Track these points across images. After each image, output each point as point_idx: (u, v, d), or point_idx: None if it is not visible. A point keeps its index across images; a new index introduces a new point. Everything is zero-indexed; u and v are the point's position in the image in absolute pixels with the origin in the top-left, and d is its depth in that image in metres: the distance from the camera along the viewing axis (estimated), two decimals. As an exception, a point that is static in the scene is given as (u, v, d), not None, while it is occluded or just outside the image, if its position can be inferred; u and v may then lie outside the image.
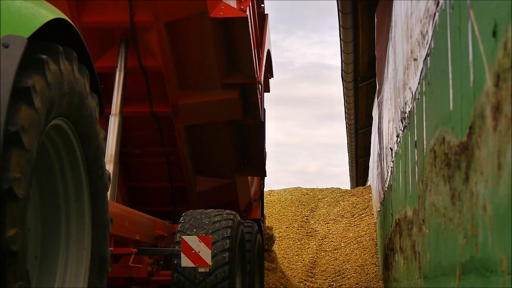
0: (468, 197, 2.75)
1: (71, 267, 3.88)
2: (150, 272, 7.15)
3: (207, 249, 6.73)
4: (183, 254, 6.75)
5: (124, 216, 6.50)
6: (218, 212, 7.48)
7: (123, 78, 7.67)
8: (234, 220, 7.42)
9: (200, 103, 8.34)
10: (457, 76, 3.00)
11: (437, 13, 3.65)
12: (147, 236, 7.19)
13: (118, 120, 7.55)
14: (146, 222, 7.26)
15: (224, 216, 7.41)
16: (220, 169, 9.22)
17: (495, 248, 2.25)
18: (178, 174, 8.92)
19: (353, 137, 20.23)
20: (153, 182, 9.10)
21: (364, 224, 16.93)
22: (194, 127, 8.61)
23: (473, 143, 2.63)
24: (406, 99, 5.82)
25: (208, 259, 6.71)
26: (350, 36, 12.74)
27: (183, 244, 6.77)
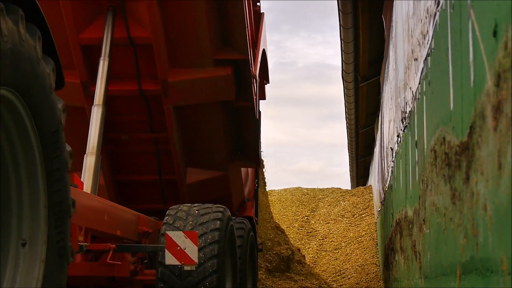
0: (469, 197, 2.75)
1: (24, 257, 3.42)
2: (133, 271, 6.73)
3: (193, 246, 6.28)
4: (167, 251, 6.32)
5: (103, 209, 6.07)
6: (207, 206, 7.07)
7: (107, 64, 7.25)
8: (223, 213, 6.99)
9: (191, 81, 7.89)
10: (457, 76, 3.00)
11: (437, 13, 3.65)
12: (130, 232, 6.78)
13: (102, 111, 7.13)
14: (128, 217, 6.82)
15: (213, 209, 7.00)
16: (213, 159, 8.74)
17: (495, 248, 2.25)
18: (168, 166, 8.47)
19: (354, 137, 20.23)
20: (142, 174, 8.62)
21: (365, 224, 16.94)
22: (185, 109, 8.14)
23: (474, 143, 2.63)
24: (407, 99, 5.82)
25: (195, 256, 6.28)
26: (351, 36, 12.73)
27: (168, 240, 6.33)
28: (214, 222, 6.78)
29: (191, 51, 7.81)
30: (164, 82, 7.71)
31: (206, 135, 8.52)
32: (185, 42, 7.76)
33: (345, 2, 11.60)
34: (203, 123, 8.42)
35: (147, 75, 7.80)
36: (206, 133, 8.50)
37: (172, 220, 6.82)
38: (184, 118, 8.21)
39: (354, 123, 18.63)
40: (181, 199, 8.55)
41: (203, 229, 6.69)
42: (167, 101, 7.86)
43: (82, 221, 5.41)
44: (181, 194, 8.60)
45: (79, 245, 5.32)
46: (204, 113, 8.31)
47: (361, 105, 16.68)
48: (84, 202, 5.56)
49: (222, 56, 8.00)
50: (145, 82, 7.83)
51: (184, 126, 8.29)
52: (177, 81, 7.80)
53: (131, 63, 7.76)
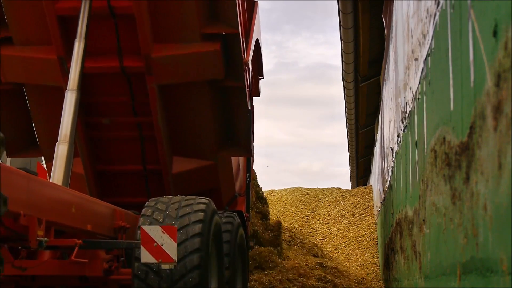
0: (469, 197, 2.75)
1: None
2: (106, 270, 6.12)
3: (171, 241, 5.64)
4: (142, 247, 5.66)
5: (69, 201, 5.46)
6: (189, 197, 6.42)
7: (83, 47, 6.72)
8: (208, 205, 6.33)
9: (176, 57, 7.26)
10: (457, 76, 3.00)
11: (437, 13, 3.65)
12: (103, 227, 6.17)
13: (76, 97, 6.61)
14: (101, 210, 6.22)
15: (196, 201, 6.35)
16: (200, 147, 8.06)
17: (495, 248, 2.25)
18: (152, 155, 7.87)
19: (354, 137, 20.22)
20: (125, 164, 8.00)
21: (365, 224, 16.94)
22: (170, 89, 7.51)
23: (474, 143, 2.63)
24: (407, 99, 5.82)
25: (173, 253, 5.64)
26: (351, 36, 12.73)
27: (143, 236, 5.67)
28: (196, 214, 6.16)
29: (176, 25, 7.21)
30: (147, 57, 7.13)
31: (194, 120, 7.87)
32: (170, 15, 7.18)
33: (345, 2, 11.60)
34: (190, 106, 7.76)
35: (129, 52, 7.23)
36: (193, 117, 7.86)
37: (151, 213, 6.20)
38: (169, 100, 7.60)
39: (354, 123, 18.62)
40: (166, 191, 7.93)
41: (184, 221, 6.07)
42: (151, 79, 7.25)
43: (42, 213, 4.91)
44: (166, 185, 7.95)
45: (38, 240, 4.83)
46: (191, 94, 7.69)
47: (361, 105, 16.67)
48: (45, 192, 5.07)
49: (209, 30, 7.33)
50: (127, 58, 7.24)
51: (170, 109, 7.67)
52: (161, 56, 7.19)
53: (112, 37, 7.18)
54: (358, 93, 15.81)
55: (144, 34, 7.02)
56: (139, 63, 7.19)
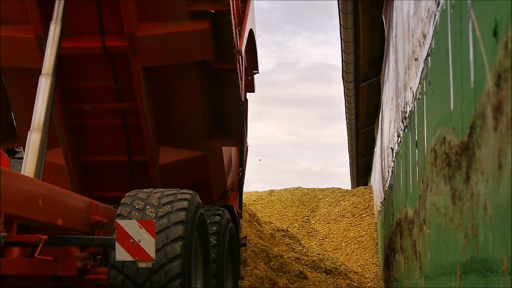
0: (469, 197, 2.75)
1: None
2: (81, 269, 5.63)
3: (149, 237, 5.16)
4: (118, 244, 5.16)
5: (35, 192, 4.97)
6: (171, 191, 5.94)
7: (59, 30, 6.38)
8: (191, 201, 5.81)
9: (162, 36, 6.82)
10: (457, 76, 3.00)
11: (437, 13, 3.65)
12: (77, 221, 5.69)
13: (50, 82, 6.24)
14: (75, 203, 5.72)
15: (178, 195, 5.84)
16: (189, 136, 7.57)
17: (495, 248, 2.25)
18: (138, 145, 7.39)
19: (354, 137, 20.22)
20: (109, 155, 7.50)
21: (365, 224, 16.95)
22: (156, 71, 7.06)
23: (474, 143, 2.63)
24: (407, 99, 5.83)
25: (151, 250, 5.16)
26: (351, 36, 12.73)
27: (119, 231, 5.18)
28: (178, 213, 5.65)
29: (163, 2, 6.80)
30: (131, 37, 6.68)
31: (182, 106, 7.37)
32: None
33: (345, 2, 11.60)
34: (177, 90, 7.26)
35: (112, 31, 6.80)
36: (181, 103, 7.35)
37: (131, 200, 5.77)
38: (155, 84, 7.13)
39: (354, 123, 18.62)
40: (152, 184, 7.44)
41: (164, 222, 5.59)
42: (135, 61, 6.79)
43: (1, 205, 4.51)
44: (153, 177, 7.46)
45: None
46: (178, 77, 7.18)
47: (361, 105, 16.67)
48: (5, 182, 4.61)
49: (198, 7, 6.87)
50: (110, 38, 6.79)
51: (156, 93, 7.20)
52: (146, 36, 6.74)
53: (94, 15, 6.76)
54: (358, 93, 15.81)
55: (128, 12, 6.62)
56: (123, 42, 6.75)
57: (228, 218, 7.68)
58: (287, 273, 12.04)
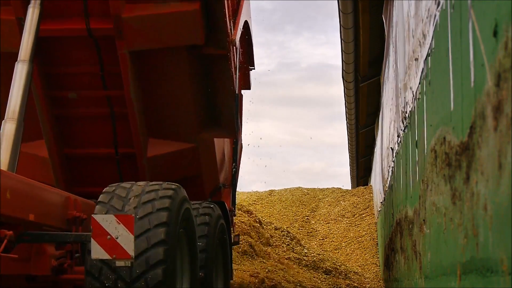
0: (469, 197, 2.75)
1: None
2: (56, 268, 5.26)
3: (128, 234, 4.76)
4: (93, 240, 4.77)
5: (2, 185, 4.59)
6: (155, 183, 5.57)
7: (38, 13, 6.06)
8: (176, 191, 5.45)
9: (150, 17, 6.49)
10: (457, 76, 3.00)
11: (437, 13, 3.65)
12: (52, 217, 5.29)
13: (27, 69, 5.89)
14: (50, 197, 5.30)
15: (163, 186, 5.49)
16: (179, 127, 7.20)
17: (495, 248, 2.25)
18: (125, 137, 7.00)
19: (354, 137, 20.23)
20: (94, 147, 7.10)
21: (365, 224, 16.95)
22: (143, 56, 6.71)
23: (474, 143, 2.63)
24: (407, 99, 5.83)
25: (130, 248, 4.77)
26: (351, 36, 12.73)
27: (94, 227, 4.78)
28: (162, 201, 5.29)
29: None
30: (117, 18, 6.34)
31: (171, 94, 7.01)
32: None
33: (345, 2, 11.61)
34: (166, 77, 6.90)
35: (97, 13, 6.46)
36: (170, 92, 6.99)
37: (108, 200, 5.30)
38: (143, 70, 6.76)
39: (354, 123, 18.63)
40: (140, 177, 7.03)
41: (147, 208, 5.20)
42: (121, 45, 6.43)
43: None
44: (141, 171, 7.05)
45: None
46: (168, 63, 6.84)
47: (361, 105, 16.67)
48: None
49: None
50: (95, 20, 6.45)
51: (144, 80, 6.82)
52: (133, 17, 6.41)
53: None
54: (358, 93, 15.81)
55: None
56: (108, 25, 6.40)
57: (219, 215, 7.24)
58: None
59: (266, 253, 12.67)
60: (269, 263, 12.16)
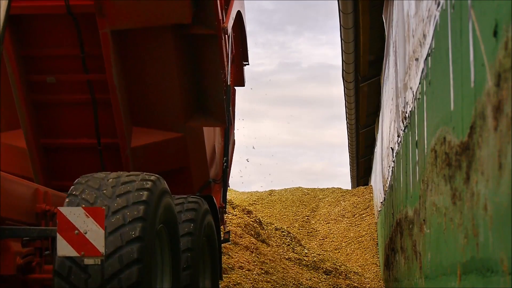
0: (469, 197, 2.75)
1: None
2: (22, 267, 4.82)
3: (98, 228, 4.37)
4: (59, 236, 4.36)
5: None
6: (132, 174, 5.15)
7: None
8: (155, 183, 5.03)
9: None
10: (458, 76, 3.00)
11: (437, 13, 3.65)
12: (18, 211, 4.84)
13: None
14: (15, 189, 4.82)
15: (140, 177, 5.05)
16: (166, 115, 6.76)
17: (495, 248, 2.25)
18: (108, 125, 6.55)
19: (354, 137, 20.22)
20: (75, 136, 6.64)
21: (365, 224, 16.95)
22: (126, 37, 6.29)
23: (474, 143, 2.63)
24: (407, 99, 5.83)
25: (100, 243, 4.37)
26: (351, 36, 12.73)
27: (61, 220, 4.38)
28: (139, 192, 4.85)
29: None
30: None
31: (156, 79, 6.57)
32: None
33: (346, 2, 11.61)
34: (151, 60, 6.47)
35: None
36: (156, 76, 6.55)
37: (80, 191, 4.87)
38: (126, 52, 6.34)
39: (354, 123, 18.63)
40: (124, 169, 6.55)
41: (122, 201, 4.79)
42: (103, 23, 6.01)
43: None
44: (125, 162, 6.57)
45: None
46: (152, 44, 6.41)
47: (361, 105, 16.68)
48: None
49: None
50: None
51: (127, 64, 6.38)
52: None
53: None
54: (359, 93, 15.82)
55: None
56: (88, 1, 6.00)
57: (206, 209, 6.76)
58: None
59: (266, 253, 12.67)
60: (269, 263, 12.16)
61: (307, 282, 12.05)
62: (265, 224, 14.44)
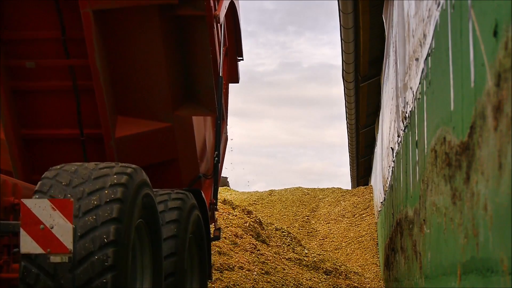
0: (469, 197, 2.75)
1: None
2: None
3: (65, 223, 3.99)
4: (23, 231, 4.00)
5: None
6: (106, 165, 4.69)
7: None
8: (131, 176, 4.56)
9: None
10: (458, 76, 3.00)
11: (437, 13, 3.65)
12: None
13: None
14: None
15: (114, 170, 4.58)
16: (152, 104, 6.38)
17: (495, 248, 2.25)
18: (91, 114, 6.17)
19: (354, 137, 20.23)
20: (57, 127, 6.24)
21: (365, 224, 16.96)
22: (109, 18, 5.91)
23: (474, 143, 2.63)
24: (407, 99, 5.83)
25: (67, 239, 3.99)
26: (351, 36, 12.73)
27: (24, 213, 4.02)
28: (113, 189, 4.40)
29: None
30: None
31: (142, 64, 6.19)
32: None
33: (346, 2, 11.61)
34: (136, 44, 6.10)
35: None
36: (141, 61, 6.17)
37: (49, 184, 4.47)
38: (109, 34, 5.96)
39: (354, 123, 18.63)
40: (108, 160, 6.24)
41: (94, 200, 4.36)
42: (84, 3, 5.65)
43: None
44: (109, 154, 6.15)
45: None
46: (137, 25, 6.02)
47: (361, 105, 16.68)
48: None
49: None
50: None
51: (110, 47, 6.01)
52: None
53: None
54: (359, 93, 15.82)
55: None
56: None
57: (193, 204, 6.33)
58: None
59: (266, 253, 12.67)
60: (269, 263, 12.16)
61: (307, 282, 12.04)
62: (265, 224, 14.44)
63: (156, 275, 5.08)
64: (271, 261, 12.26)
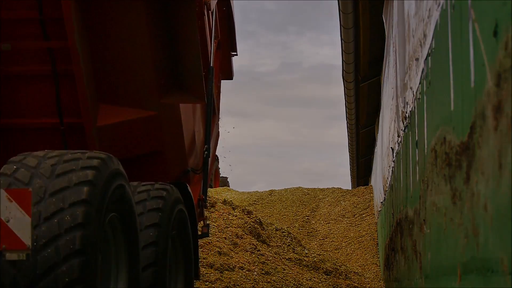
0: (469, 197, 2.75)
1: None
2: None
3: (23, 216, 3.63)
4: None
5: None
6: (78, 151, 4.38)
7: None
8: (104, 161, 4.26)
9: None
10: (458, 76, 3.00)
11: (437, 13, 3.65)
12: None
13: None
14: None
15: (86, 155, 4.29)
16: (137, 90, 5.96)
17: (496, 248, 2.25)
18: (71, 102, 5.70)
19: (354, 137, 20.23)
20: (35, 116, 5.77)
21: (365, 224, 16.96)
22: None
23: (474, 143, 2.63)
24: (407, 99, 5.83)
25: (25, 234, 3.64)
26: (351, 36, 12.74)
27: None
28: (83, 172, 4.08)
29: None
30: None
31: (126, 47, 5.78)
32: None
33: (346, 2, 11.61)
34: (119, 25, 5.67)
35: None
36: (124, 43, 5.76)
37: (11, 172, 4.09)
38: (90, 15, 5.54)
39: (354, 123, 18.64)
40: None
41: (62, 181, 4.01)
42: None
43: None
44: (90, 144, 5.72)
45: None
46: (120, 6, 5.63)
47: (361, 105, 16.69)
48: None
49: None
50: None
51: (91, 28, 5.58)
52: None
53: None
54: (359, 93, 15.82)
55: None
56: None
57: (177, 198, 5.98)
58: None
59: (266, 253, 12.67)
60: (269, 263, 12.16)
61: (307, 283, 12.04)
62: (265, 224, 14.44)
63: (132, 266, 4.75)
64: (271, 261, 12.26)
